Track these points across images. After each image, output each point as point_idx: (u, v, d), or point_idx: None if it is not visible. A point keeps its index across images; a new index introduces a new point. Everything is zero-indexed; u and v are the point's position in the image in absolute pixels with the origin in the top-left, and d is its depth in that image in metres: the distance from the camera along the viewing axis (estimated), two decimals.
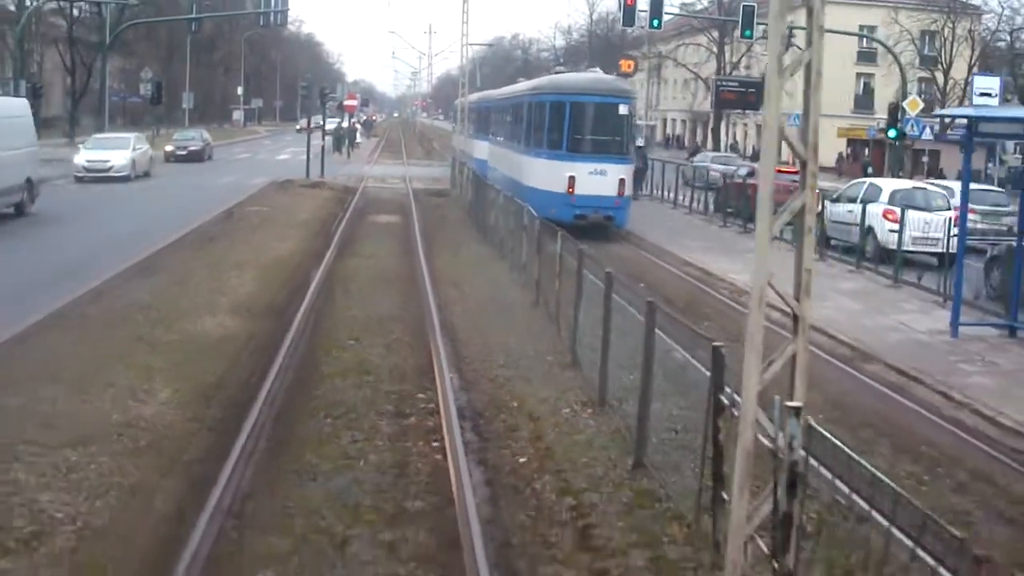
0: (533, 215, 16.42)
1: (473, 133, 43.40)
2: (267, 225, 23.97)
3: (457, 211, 29.91)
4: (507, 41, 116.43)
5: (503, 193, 21.39)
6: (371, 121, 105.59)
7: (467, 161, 37.36)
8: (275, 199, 30.50)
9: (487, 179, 27.17)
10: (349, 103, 65.62)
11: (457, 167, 37.36)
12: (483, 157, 36.39)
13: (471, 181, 29.61)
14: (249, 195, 30.49)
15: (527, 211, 16.99)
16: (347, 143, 57.67)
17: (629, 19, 39.02)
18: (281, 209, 27.54)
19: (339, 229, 24.37)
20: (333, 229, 24.56)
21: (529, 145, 27.27)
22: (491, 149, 35.55)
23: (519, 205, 18.14)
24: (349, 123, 62.68)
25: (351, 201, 31.33)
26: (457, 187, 35.05)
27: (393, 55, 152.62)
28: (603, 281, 10.35)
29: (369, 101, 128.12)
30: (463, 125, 48.96)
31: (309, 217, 26.51)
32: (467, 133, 46.11)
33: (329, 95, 50.84)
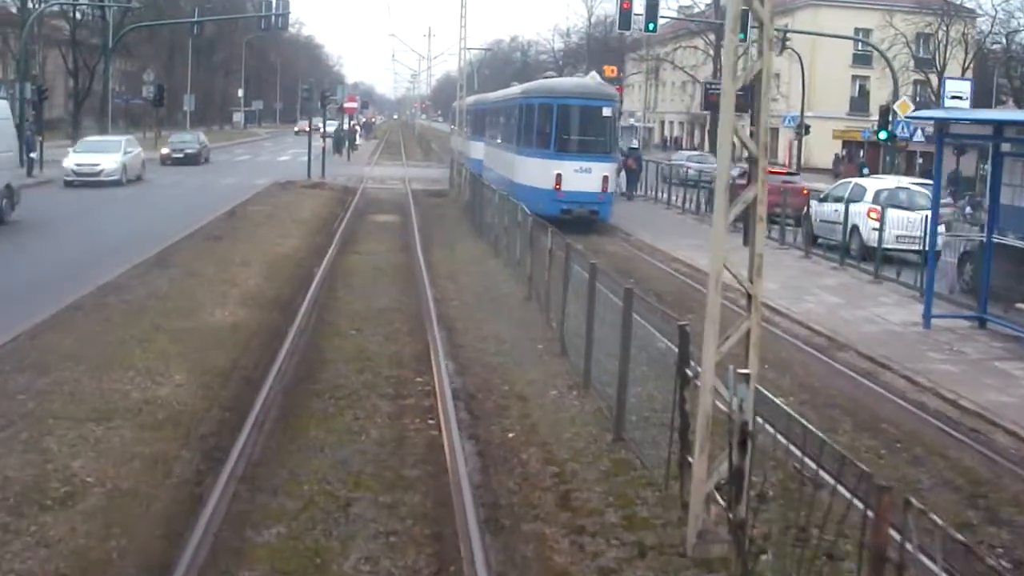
0: (527, 212, 17.16)
1: (470, 135, 44.40)
2: (270, 224, 24.69)
3: (455, 211, 30.64)
4: (506, 44, 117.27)
5: (499, 192, 22.20)
6: (370, 123, 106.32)
7: (464, 162, 38.29)
8: (278, 199, 31.22)
9: (483, 178, 28.17)
10: (349, 105, 66.41)
11: (455, 168, 38.22)
12: (479, 157, 37.39)
13: (468, 181, 30.45)
14: (248, 197, 30.72)
15: (521, 209, 17.75)
16: (347, 145, 58.43)
17: (625, 23, 39.67)
18: (284, 208, 28.28)
19: (340, 228, 25.11)
20: (334, 228, 25.30)
21: (520, 145, 28.45)
22: (486, 149, 36.60)
23: (514, 204, 18.93)
24: (349, 125, 63.42)
25: (351, 201, 32.06)
26: (455, 187, 35.84)
27: (393, 57, 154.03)
28: (602, 279, 11.07)
29: (369, 103, 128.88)
30: (460, 127, 50.00)
31: (311, 216, 27.26)
32: (464, 135, 47.15)
33: (330, 98, 51.54)
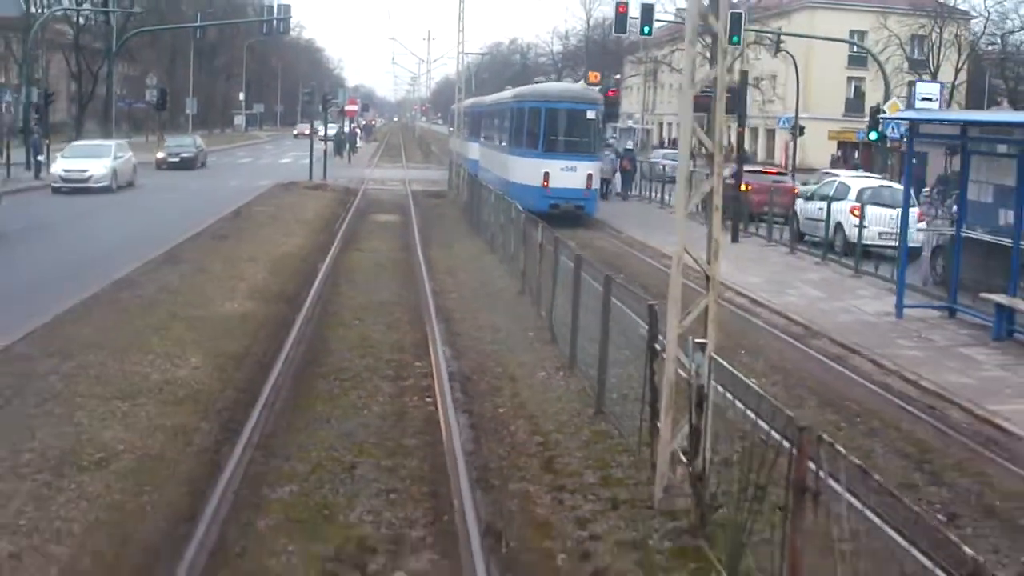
0: (519, 210, 18.03)
1: (467, 136, 45.68)
2: (275, 223, 25.55)
3: (454, 211, 31.51)
4: (505, 46, 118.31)
5: (495, 192, 23.13)
6: (370, 126, 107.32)
7: (462, 162, 39.42)
8: (281, 200, 32.08)
9: (479, 178, 29.51)
10: (350, 108, 67.37)
11: (454, 169, 39.21)
12: (475, 158, 38.75)
13: (466, 182, 31.43)
14: (251, 199, 31.38)
15: (514, 207, 18.63)
16: (348, 147, 59.35)
17: (621, 26, 40.47)
18: (287, 209, 29.14)
19: (342, 227, 25.97)
20: (336, 227, 26.16)
21: (511, 145, 30.23)
22: (481, 150, 38.03)
23: (508, 203, 19.84)
24: (350, 128, 64.35)
25: (353, 202, 32.93)
26: (454, 188, 36.76)
27: (393, 61, 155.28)
28: (587, 268, 11.92)
29: (369, 106, 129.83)
30: (459, 129, 51.17)
31: (314, 216, 28.13)
32: (461, 136, 48.48)
33: (331, 101, 52.42)
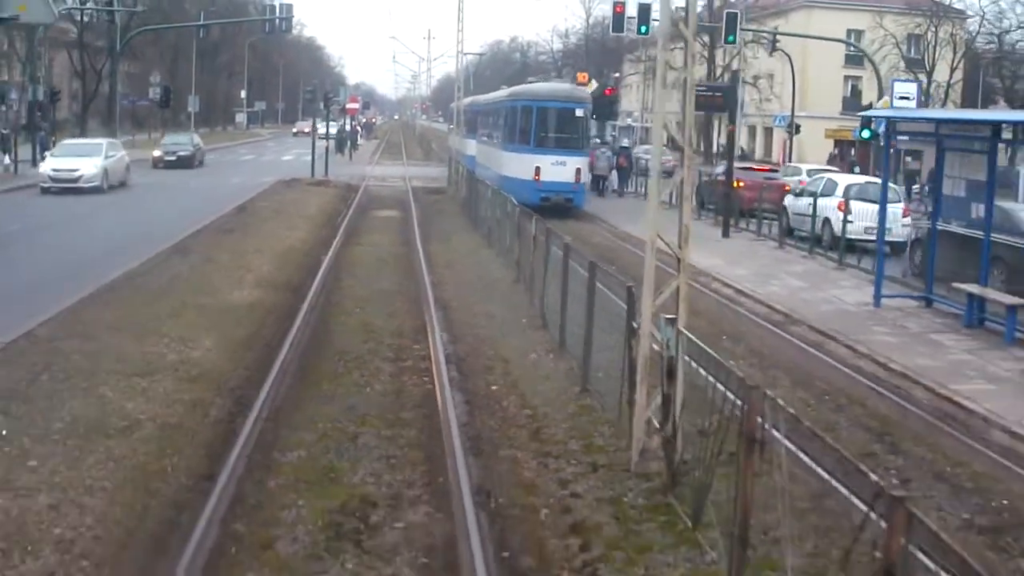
0: (515, 204, 18.80)
1: (465, 133, 46.96)
2: (278, 218, 26.31)
3: (453, 207, 32.27)
4: (506, 44, 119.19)
5: (491, 188, 23.94)
6: (371, 124, 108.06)
7: (460, 159, 40.47)
8: (284, 196, 32.82)
9: (476, 173, 30.74)
10: (351, 106, 68.17)
11: (453, 166, 40.06)
12: (472, 154, 39.98)
13: (465, 179, 32.26)
14: (253, 195, 32.01)
15: (510, 201, 19.40)
16: (349, 145, 60.12)
17: (618, 26, 41.15)
18: (290, 205, 29.90)
19: (344, 222, 26.73)
20: (338, 222, 26.91)
21: (505, 142, 31.79)
22: (478, 147, 39.29)
23: (504, 197, 20.63)
24: (351, 126, 65.12)
25: (354, 198, 33.69)
26: (453, 185, 37.55)
27: (394, 59, 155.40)
28: (574, 256, 12.68)
29: (370, 104, 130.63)
30: (457, 127, 52.31)
31: (316, 212, 28.89)
32: (460, 134, 49.69)
33: (333, 99, 53.14)
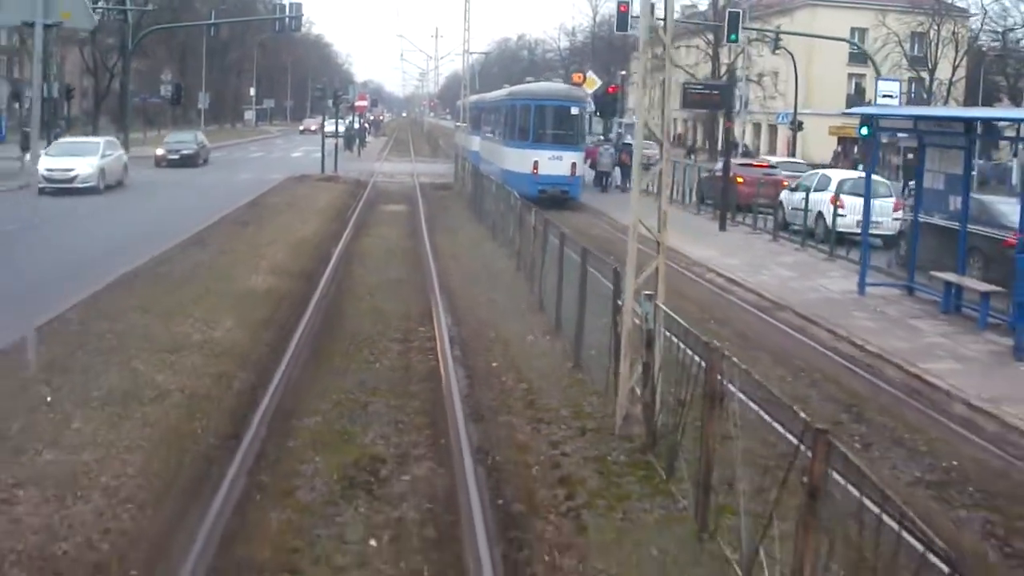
0: (517, 198, 19.71)
1: (470, 130, 48.38)
2: (290, 212, 27.23)
3: (459, 202, 33.18)
4: (513, 42, 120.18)
5: (495, 182, 24.90)
6: (379, 121, 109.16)
7: (466, 155, 41.62)
8: (295, 191, 33.76)
9: (480, 168, 32.42)
10: (360, 104, 69.18)
11: (459, 162, 41.03)
12: (476, 149, 41.53)
13: (471, 174, 33.24)
14: (265, 191, 33.08)
15: (512, 195, 20.33)
16: (357, 142, 61.09)
17: (623, 24, 41.94)
18: (301, 199, 30.82)
19: (353, 216, 27.67)
20: (348, 216, 27.85)
21: (506, 138, 33.67)
22: (481, 143, 40.89)
23: (507, 192, 21.56)
24: (360, 123, 66.10)
25: (363, 193, 34.62)
26: (459, 181, 38.47)
27: (401, 57, 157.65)
28: (569, 244, 13.57)
29: (378, 101, 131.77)
30: (463, 124, 53.71)
31: (326, 206, 29.81)
32: (465, 130, 51.09)
33: (342, 97, 54.11)
